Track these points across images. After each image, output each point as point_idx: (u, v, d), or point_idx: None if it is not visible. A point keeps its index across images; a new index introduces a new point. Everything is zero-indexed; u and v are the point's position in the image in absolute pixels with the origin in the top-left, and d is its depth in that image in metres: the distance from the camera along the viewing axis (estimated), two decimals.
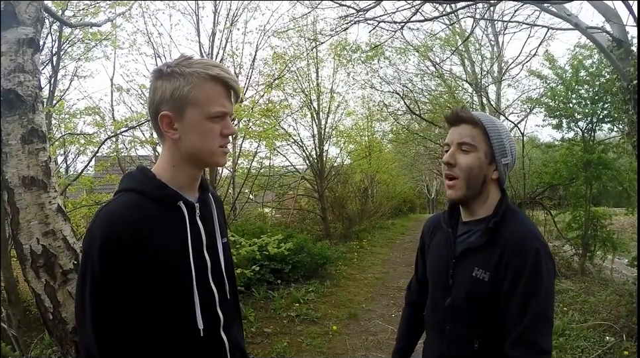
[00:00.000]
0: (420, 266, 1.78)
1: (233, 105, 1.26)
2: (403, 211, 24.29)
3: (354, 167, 14.49)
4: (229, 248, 1.47)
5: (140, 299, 1.15)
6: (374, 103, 13.77)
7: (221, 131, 1.21)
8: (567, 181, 7.72)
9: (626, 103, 4.25)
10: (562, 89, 7.66)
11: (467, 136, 1.42)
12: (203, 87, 1.16)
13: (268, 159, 10.24)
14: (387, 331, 5.17)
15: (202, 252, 1.26)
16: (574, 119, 7.50)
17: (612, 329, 4.60)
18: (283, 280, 6.81)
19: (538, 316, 1.29)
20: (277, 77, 8.48)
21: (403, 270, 8.83)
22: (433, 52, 11.10)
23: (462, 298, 1.43)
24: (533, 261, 1.31)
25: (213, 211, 1.36)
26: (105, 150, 5.94)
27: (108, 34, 7.00)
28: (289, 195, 12.43)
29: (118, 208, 1.17)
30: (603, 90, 6.95)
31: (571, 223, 7.72)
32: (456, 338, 1.47)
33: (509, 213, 1.44)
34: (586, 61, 7.41)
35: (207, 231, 1.29)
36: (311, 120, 11.62)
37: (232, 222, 7.79)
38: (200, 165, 1.28)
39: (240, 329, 1.50)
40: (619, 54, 4.25)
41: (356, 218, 13.44)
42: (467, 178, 1.42)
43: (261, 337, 4.77)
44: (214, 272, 1.29)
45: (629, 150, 4.57)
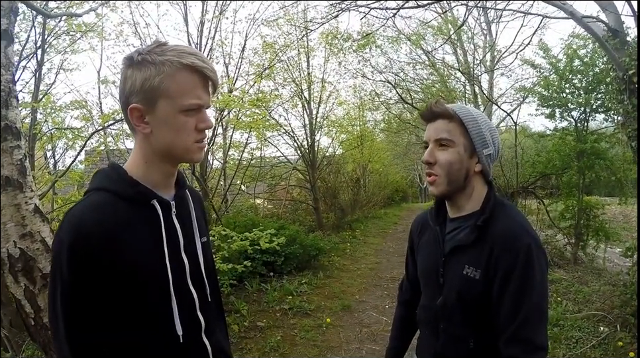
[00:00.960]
0: (410, 265, 1.75)
1: (211, 96, 1.17)
2: (395, 201, 24.36)
3: (346, 157, 14.45)
4: (209, 247, 1.40)
5: (114, 306, 1.07)
6: (366, 93, 13.70)
7: (196, 125, 1.12)
8: (560, 171, 7.72)
9: (621, 93, 4.21)
10: (556, 79, 7.63)
11: (443, 132, 1.37)
12: (176, 77, 1.07)
13: (259, 150, 10.22)
14: (381, 323, 5.15)
15: (179, 252, 1.18)
16: (567, 109, 7.49)
17: (606, 319, 4.60)
18: (275, 273, 6.76)
19: (532, 312, 1.26)
20: (268, 66, 8.36)
21: (396, 261, 8.82)
22: (425, 40, 11.03)
23: (454, 297, 1.39)
24: (524, 256, 1.27)
25: (190, 209, 1.28)
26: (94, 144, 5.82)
27: (94, 25, 6.84)
28: (280, 186, 12.34)
29: (87, 209, 1.09)
30: (597, 80, 6.94)
31: (564, 212, 7.74)
32: (451, 337, 1.43)
33: (497, 208, 1.39)
34: (580, 50, 7.38)
35: (185, 230, 1.22)
36: (302, 110, 11.57)
37: (223, 214, 7.71)
38: (174, 161, 1.19)
39: (224, 332, 1.44)
40: (615, 43, 4.21)
41: (349, 208, 13.42)
42: (447, 174, 1.37)
43: (254, 331, 4.71)
44: (193, 274, 1.22)
45: (624, 140, 4.54)
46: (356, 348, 4.47)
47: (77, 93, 8.21)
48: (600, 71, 6.83)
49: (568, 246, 7.70)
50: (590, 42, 7.16)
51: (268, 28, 9.62)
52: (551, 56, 7.69)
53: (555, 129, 8.09)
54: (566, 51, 7.54)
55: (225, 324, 1.49)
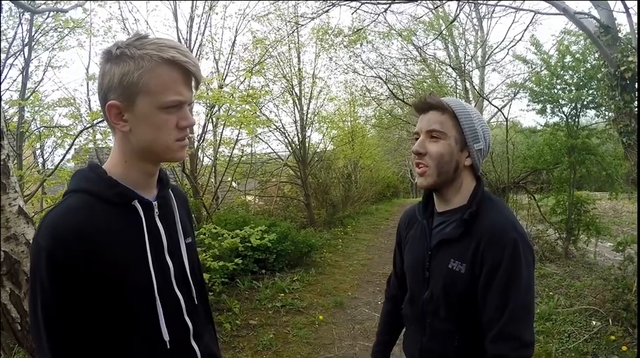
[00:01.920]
0: (398, 260, 1.74)
1: (193, 92, 1.12)
2: (386, 196, 24.36)
3: (337, 153, 14.40)
4: (195, 248, 1.35)
5: (98, 313, 1.03)
6: (357, 88, 13.69)
7: (177, 123, 1.07)
8: (551, 166, 7.76)
9: (612, 89, 4.23)
10: (547, 75, 7.65)
11: (436, 123, 1.37)
12: (156, 72, 1.02)
13: (250, 146, 10.14)
14: (373, 319, 5.14)
15: (163, 255, 1.14)
16: (559, 105, 7.52)
17: (598, 313, 4.63)
18: (267, 270, 6.72)
19: (518, 309, 1.25)
20: (258, 62, 8.30)
21: (388, 256, 8.79)
22: (417, 36, 11.01)
23: (439, 290, 1.39)
24: (510, 252, 1.26)
25: (174, 209, 1.23)
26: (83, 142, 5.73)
27: (81, 21, 6.72)
28: (272, 182, 12.27)
29: (65, 213, 1.04)
30: (588, 76, 6.97)
31: (555, 207, 7.79)
32: (437, 332, 1.43)
33: (485, 202, 1.38)
34: (571, 47, 7.41)
35: (168, 232, 1.17)
36: (292, 106, 11.53)
37: (214, 212, 7.66)
38: (155, 160, 1.14)
39: (213, 336, 1.40)
40: (607, 40, 4.23)
41: (340, 204, 13.41)
42: (437, 166, 1.37)
43: (246, 329, 4.68)
44: (179, 277, 1.18)
45: (615, 136, 4.57)
46: (349, 345, 4.45)
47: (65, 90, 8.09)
48: (591, 68, 6.87)
49: (559, 240, 7.75)
50: (582, 39, 7.20)
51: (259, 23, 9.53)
52: (543, 51, 7.71)
53: (546, 125, 8.13)
54: (557, 47, 7.57)
55: (214, 327, 1.45)
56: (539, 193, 8.40)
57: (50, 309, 0.99)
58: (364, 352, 4.29)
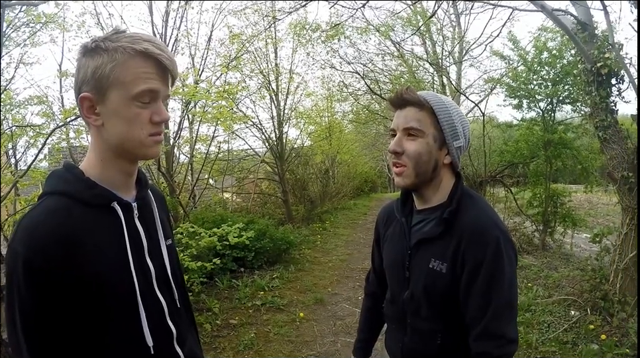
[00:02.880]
0: (376, 257, 1.71)
1: (169, 87, 1.09)
2: (364, 191, 24.46)
3: (315, 148, 14.36)
4: (175, 250, 1.32)
5: (79, 319, 0.98)
6: (334, 84, 13.62)
7: (151, 117, 1.04)
8: (528, 160, 7.89)
9: (589, 85, 4.30)
10: (524, 70, 7.77)
11: (413, 121, 1.30)
12: (128, 64, 1.00)
13: (226, 143, 10.00)
14: (354, 315, 5.13)
15: (143, 257, 1.11)
16: (535, 100, 7.64)
17: (576, 303, 4.73)
18: (246, 268, 6.65)
19: (501, 307, 1.23)
20: (235, 57, 8.17)
21: (367, 251, 8.81)
22: (394, 31, 11.00)
23: (420, 290, 1.36)
24: (493, 250, 1.23)
25: (154, 211, 1.21)
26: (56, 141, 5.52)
27: (54, 15, 6.48)
28: (249, 179, 12.14)
29: (41, 216, 0.99)
30: (564, 72, 7.11)
31: (531, 200, 7.93)
32: (418, 332, 1.41)
33: (465, 199, 1.35)
34: (548, 43, 7.53)
35: (148, 234, 1.14)
36: (269, 102, 11.42)
37: (191, 210, 7.53)
38: (130, 157, 1.09)
39: (196, 339, 1.36)
40: (584, 37, 4.29)
41: (318, 200, 13.38)
42: (415, 165, 1.31)
43: (227, 329, 4.60)
44: (160, 279, 1.15)
45: (591, 130, 4.66)
46: (331, 341, 4.43)
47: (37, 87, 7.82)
48: (568, 64, 7.01)
49: (536, 233, 7.91)
50: (559, 35, 7.33)
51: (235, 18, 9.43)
52: (520, 47, 7.82)
53: (522, 119, 8.26)
54: (534, 43, 7.68)
55: (196, 330, 1.41)
56: (516, 187, 8.55)
57: (28, 316, 0.95)
58: (346, 348, 4.28)
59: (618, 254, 4.29)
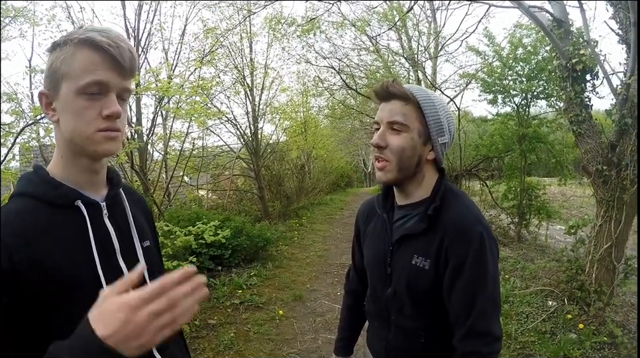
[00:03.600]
0: (357, 254, 1.68)
1: (125, 80, 1.01)
2: (340, 186, 24.51)
3: (290, 144, 14.27)
4: (154, 252, 1.24)
5: (46, 323, 0.92)
6: (309, 78, 13.56)
7: (101, 111, 0.97)
8: (503, 154, 8.01)
9: (564, 81, 4.37)
10: (499, 66, 7.86)
11: (398, 114, 1.27)
12: (77, 55, 0.95)
13: (201, 139, 9.83)
14: (334, 311, 5.11)
15: (115, 260, 1.04)
16: (510, 95, 7.75)
17: (553, 293, 4.82)
18: (223, 266, 6.54)
19: (487, 304, 1.21)
20: (209, 51, 8.02)
21: (344, 246, 8.84)
22: (370, 26, 10.98)
23: (403, 287, 1.33)
24: (476, 247, 1.21)
25: (126, 210, 1.14)
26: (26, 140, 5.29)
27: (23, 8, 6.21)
28: (224, 175, 11.98)
29: (7, 217, 0.94)
30: (539, 68, 7.23)
31: (507, 193, 8.08)
32: (402, 329, 1.38)
33: (448, 195, 1.32)
34: (523, 39, 7.64)
35: (120, 234, 1.08)
36: (244, 97, 11.27)
37: (166, 208, 7.37)
38: (86, 154, 1.02)
39: (180, 345, 1.29)
40: (559, 33, 4.36)
41: (294, 195, 13.33)
42: (399, 160, 1.28)
43: (206, 329, 4.50)
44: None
45: (566, 125, 4.74)
46: (312, 338, 4.40)
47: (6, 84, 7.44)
48: (542, 60, 7.12)
49: (511, 225, 8.06)
50: (534, 32, 7.45)
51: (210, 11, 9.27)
52: (495, 43, 7.91)
53: (497, 114, 8.38)
54: (510, 39, 7.79)
55: (182, 336, 1.34)
56: (491, 180, 8.68)
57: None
58: (327, 345, 4.25)
59: (593, 246, 4.38)
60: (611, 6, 4.09)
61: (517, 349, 3.98)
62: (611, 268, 4.28)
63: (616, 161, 4.09)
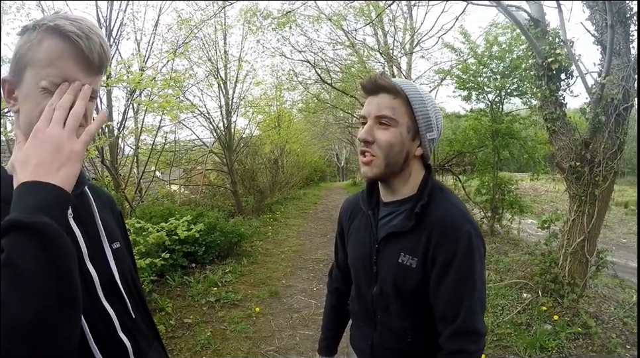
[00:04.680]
0: (340, 252, 1.64)
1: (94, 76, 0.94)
2: (314, 181, 24.58)
3: (264, 138, 14.13)
4: (126, 255, 1.17)
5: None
6: (284, 72, 13.42)
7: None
8: (476, 149, 8.12)
9: (539, 79, 4.44)
10: (474, 63, 7.95)
11: (386, 109, 1.24)
12: (44, 43, 0.88)
13: (173, 133, 9.61)
14: (311, 306, 5.10)
15: (84, 263, 0.97)
16: (484, 92, 7.86)
17: (528, 286, 4.91)
18: (197, 263, 6.43)
19: (473, 303, 1.20)
20: (182, 43, 7.81)
21: (319, 241, 8.84)
22: (346, 21, 10.92)
23: (389, 286, 1.30)
24: (464, 245, 1.19)
25: (93, 211, 1.06)
26: None
27: None
28: (197, 170, 11.76)
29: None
30: (513, 66, 7.35)
31: (480, 188, 8.20)
32: (389, 328, 1.36)
33: (435, 192, 1.30)
34: (499, 38, 7.74)
35: (87, 236, 1.00)
36: (217, 91, 11.06)
37: (138, 204, 7.18)
38: None
39: (159, 349, 1.22)
40: (536, 32, 4.42)
41: (268, 190, 13.25)
42: (386, 156, 1.24)
43: (182, 329, 4.39)
44: (107, 287, 1.01)
45: (540, 122, 4.83)
46: (289, 335, 4.36)
47: None
48: (517, 58, 7.25)
49: (484, 219, 8.19)
50: (509, 31, 7.57)
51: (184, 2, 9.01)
52: (471, 41, 8.00)
53: (471, 110, 8.47)
54: (485, 37, 7.88)
55: (162, 345, 1.26)
56: (463, 175, 8.79)
57: None
58: (305, 341, 4.23)
59: (566, 239, 4.48)
60: (588, 8, 4.17)
61: (493, 341, 4.05)
62: (584, 261, 4.40)
63: (589, 158, 4.19)
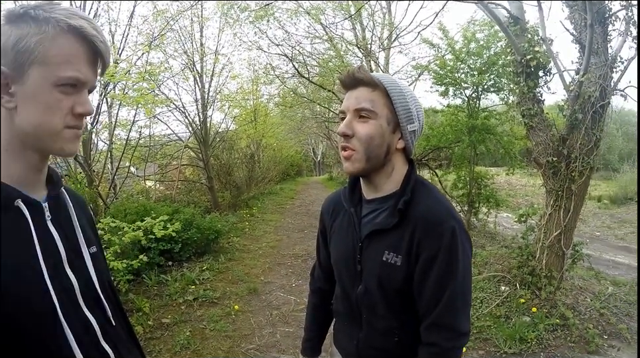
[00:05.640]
0: (322, 251, 1.61)
1: (97, 77, 0.94)
2: (290, 175, 24.52)
3: (240, 132, 13.96)
4: (103, 259, 1.13)
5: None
6: (260, 66, 13.23)
7: (73, 107, 0.89)
8: (453, 144, 8.21)
9: (518, 76, 4.51)
10: (452, 59, 8.01)
11: (365, 101, 1.22)
12: (58, 41, 0.85)
13: (148, 128, 9.37)
14: (290, 303, 5.08)
15: (62, 268, 0.92)
16: (461, 87, 7.93)
17: (506, 279, 4.99)
18: (174, 261, 6.31)
19: (454, 299, 1.19)
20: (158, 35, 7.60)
21: (296, 237, 8.82)
22: (325, 15, 10.83)
23: (374, 284, 1.28)
24: (448, 240, 1.18)
25: (70, 213, 1.02)
26: None
27: None
28: (172, 165, 11.53)
29: None
30: (490, 62, 7.43)
31: (456, 182, 8.31)
32: (375, 328, 1.34)
33: (418, 188, 1.28)
34: (477, 34, 7.83)
35: (66, 240, 0.96)
36: (193, 84, 10.84)
37: (112, 202, 7.00)
38: (41, 150, 0.91)
39: (136, 353, 1.18)
40: (515, 30, 4.46)
41: (244, 185, 13.12)
42: (367, 149, 1.22)
43: (160, 330, 4.29)
44: (87, 294, 0.97)
45: (518, 118, 4.90)
46: (270, 333, 4.32)
47: None
48: (494, 54, 7.34)
49: (461, 213, 8.29)
50: (487, 28, 7.65)
51: None
52: (449, 37, 8.06)
53: (448, 106, 8.55)
54: (463, 34, 7.94)
55: (141, 350, 1.22)
56: (440, 170, 8.89)
57: None
58: (286, 338, 4.21)
59: (543, 233, 4.57)
60: (567, 7, 4.23)
61: (474, 334, 4.10)
62: (561, 255, 4.49)
63: (566, 153, 4.27)
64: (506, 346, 3.90)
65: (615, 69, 4.03)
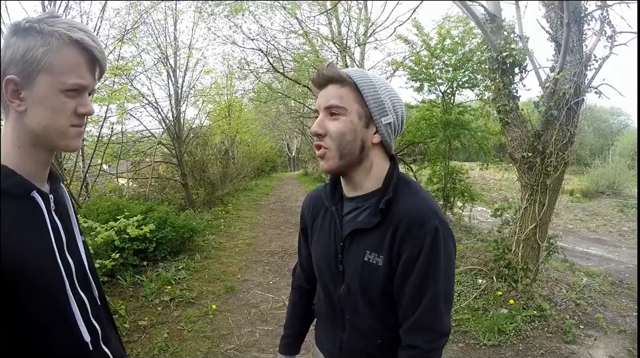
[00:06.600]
0: (303, 250, 1.59)
1: (96, 82, 1.08)
2: (265, 171, 24.38)
3: (214, 128, 13.75)
4: (88, 247, 1.27)
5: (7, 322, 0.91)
6: (235, 61, 13.06)
7: (76, 109, 1.01)
8: (428, 139, 8.29)
9: (494, 72, 4.56)
10: (427, 55, 8.06)
11: (334, 98, 1.21)
12: (62, 52, 0.97)
13: (120, 124, 9.13)
14: (268, 301, 5.03)
15: (64, 252, 1.06)
16: (436, 83, 8.00)
17: (482, 272, 5.06)
18: (149, 261, 6.15)
19: (435, 299, 1.18)
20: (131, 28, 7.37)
21: (272, 233, 8.76)
22: (300, 9, 10.73)
23: (357, 285, 1.27)
24: (431, 240, 1.16)
25: (68, 205, 1.17)
26: None
27: None
28: (145, 162, 11.27)
29: None
30: (465, 59, 7.51)
31: (432, 177, 8.39)
32: (358, 329, 1.32)
33: (401, 186, 1.26)
34: (452, 31, 7.89)
35: (65, 228, 1.10)
36: (166, 79, 10.58)
37: (84, 201, 6.79)
38: (49, 147, 1.05)
39: (117, 338, 1.30)
40: (492, 27, 4.50)
41: (219, 182, 12.93)
42: (339, 146, 1.20)
43: (137, 332, 4.17)
44: (80, 276, 1.10)
45: (493, 114, 4.97)
46: (249, 332, 4.27)
47: None
48: (469, 51, 7.42)
49: None
50: (462, 24, 7.73)
51: None
52: (424, 34, 8.09)
53: (423, 101, 8.62)
54: (438, 30, 7.99)
55: (116, 330, 1.33)
56: (415, 164, 8.97)
57: None
58: (265, 337, 4.17)
59: (519, 227, 4.66)
60: (544, 6, 4.30)
61: (453, 327, 4.14)
62: (536, 247, 4.59)
63: (541, 149, 4.34)
64: (485, 338, 3.96)
65: (590, 67, 4.12)
